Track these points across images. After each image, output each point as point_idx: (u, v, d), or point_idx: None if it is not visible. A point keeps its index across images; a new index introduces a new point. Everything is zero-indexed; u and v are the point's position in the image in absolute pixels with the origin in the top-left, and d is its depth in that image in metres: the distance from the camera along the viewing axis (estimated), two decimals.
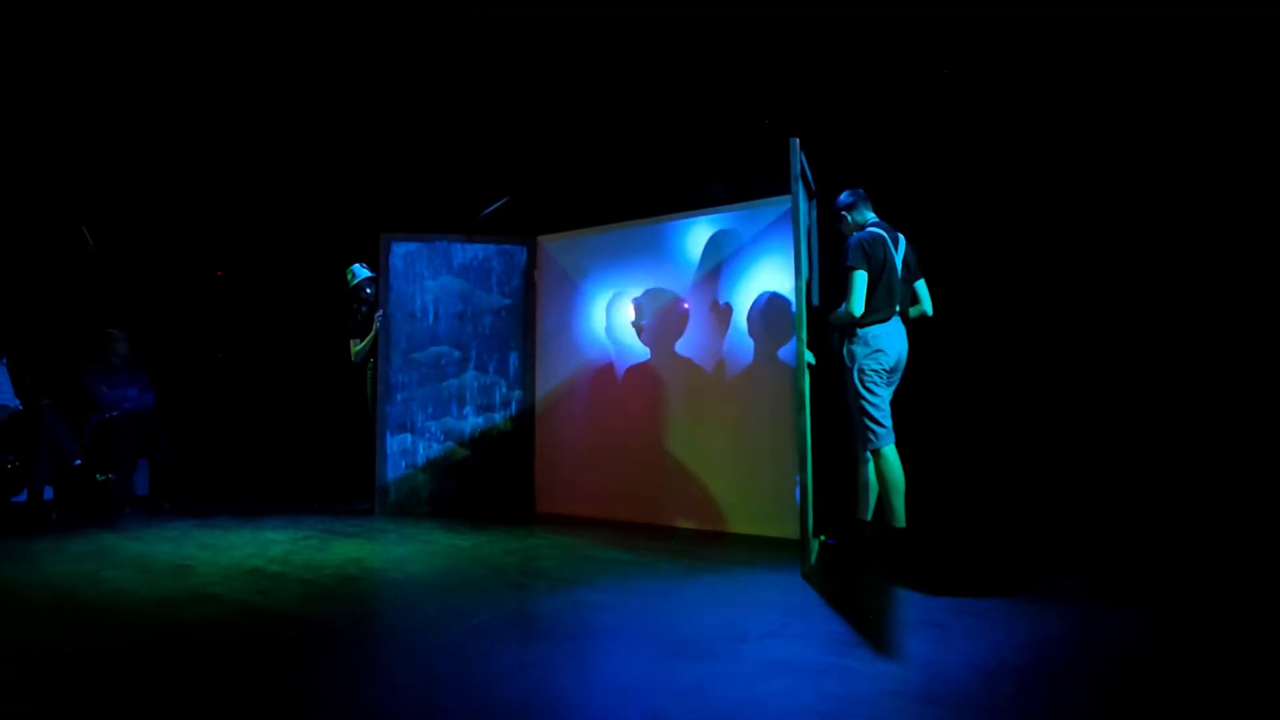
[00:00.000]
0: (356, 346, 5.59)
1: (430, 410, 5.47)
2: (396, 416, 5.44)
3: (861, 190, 3.93)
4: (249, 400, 7.38)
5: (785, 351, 4.52)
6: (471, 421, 5.55)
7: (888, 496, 3.62)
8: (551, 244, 5.63)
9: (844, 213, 3.92)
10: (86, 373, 5.91)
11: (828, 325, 3.93)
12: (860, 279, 3.62)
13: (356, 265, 5.72)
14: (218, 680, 2.35)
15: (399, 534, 4.71)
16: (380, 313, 5.41)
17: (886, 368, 3.69)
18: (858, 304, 3.63)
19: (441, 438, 5.50)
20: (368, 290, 5.63)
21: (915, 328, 3.89)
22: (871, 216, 3.86)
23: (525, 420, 5.63)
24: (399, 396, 5.45)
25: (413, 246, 5.55)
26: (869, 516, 3.85)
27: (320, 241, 6.79)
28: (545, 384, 5.61)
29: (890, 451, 3.61)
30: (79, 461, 5.61)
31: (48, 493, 5.53)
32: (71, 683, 2.34)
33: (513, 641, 2.64)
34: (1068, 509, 4.07)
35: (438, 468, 5.47)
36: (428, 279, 5.55)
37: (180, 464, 6.33)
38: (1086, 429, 4.08)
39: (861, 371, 3.68)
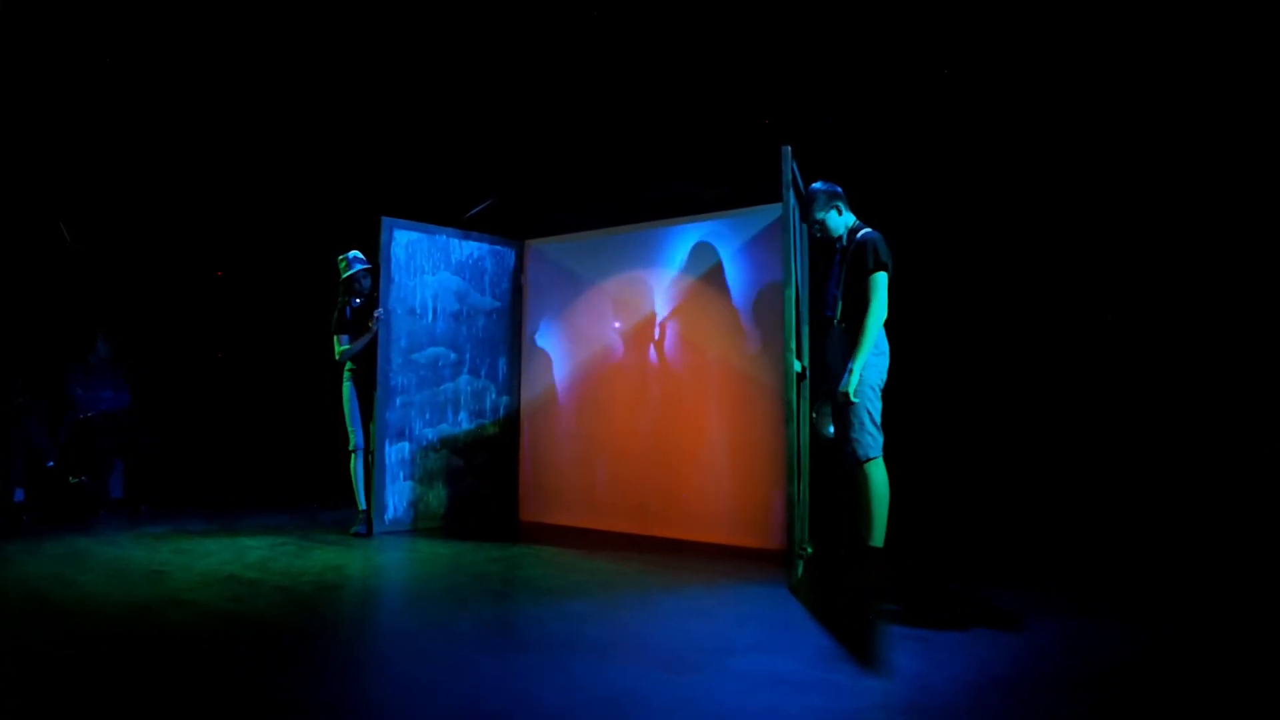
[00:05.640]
0: (342, 345, 4.96)
1: (428, 416, 5.17)
2: (396, 423, 5.00)
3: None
4: (233, 402, 7.29)
5: (775, 359, 4.50)
6: (465, 428, 5.36)
7: (875, 511, 3.44)
8: (539, 247, 5.59)
9: (839, 203, 3.64)
10: (64, 373, 5.82)
11: (842, 340, 3.59)
12: (886, 280, 3.43)
13: (351, 254, 5.08)
14: (190, 688, 2.29)
15: (379, 541, 4.65)
16: (379, 311, 4.91)
17: (885, 374, 3.54)
18: (884, 307, 3.43)
19: (438, 445, 5.22)
20: (364, 282, 5.03)
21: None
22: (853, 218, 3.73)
23: (511, 427, 5.58)
24: (398, 401, 5.02)
25: (414, 236, 5.12)
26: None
27: (311, 237, 6.73)
28: (531, 391, 5.57)
29: (882, 463, 3.49)
30: (52, 463, 5.52)
31: (20, 494, 5.43)
32: (41, 689, 2.27)
33: (495, 652, 2.60)
34: (1055, 519, 4.07)
35: (433, 477, 5.21)
36: (428, 274, 5.18)
37: (158, 466, 6.25)
38: (1072, 436, 4.08)
39: (870, 379, 3.47)
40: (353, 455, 5.00)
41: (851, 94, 4.62)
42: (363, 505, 4.95)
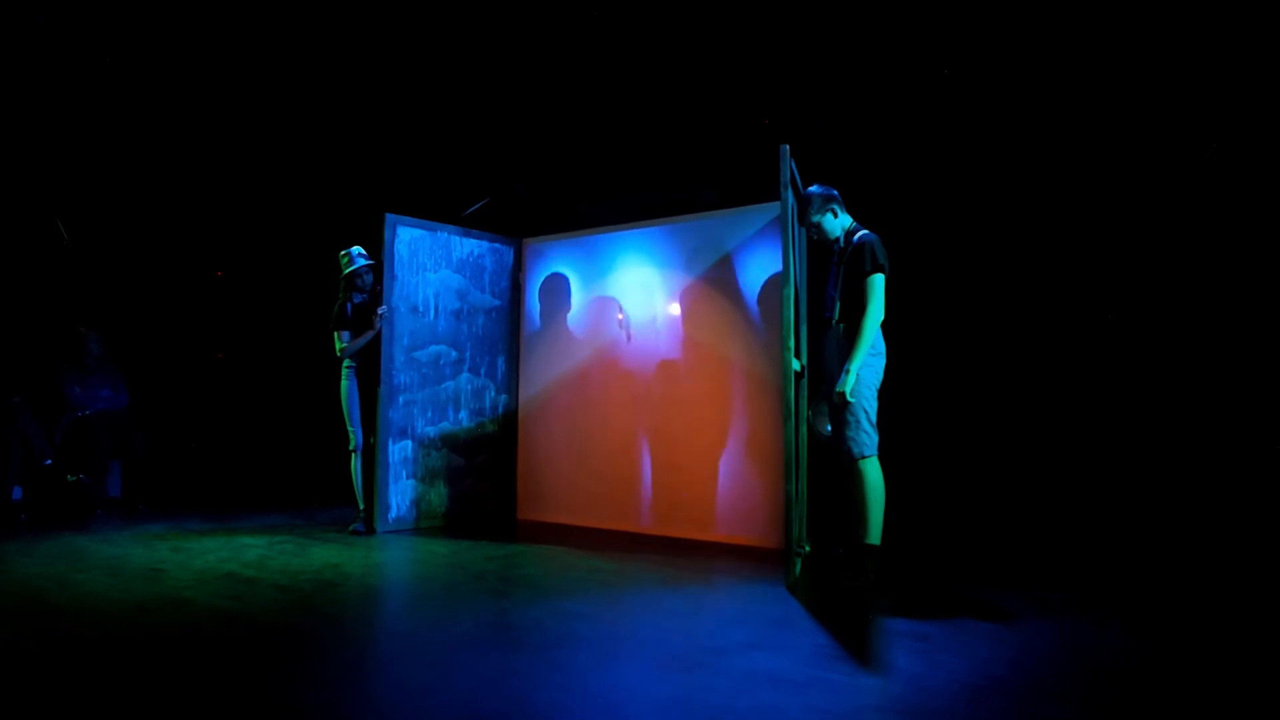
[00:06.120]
0: (342, 342, 4.90)
1: (430, 414, 5.13)
2: (399, 421, 4.96)
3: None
4: (232, 402, 7.28)
5: (774, 358, 4.49)
6: (465, 426, 5.33)
7: (871, 509, 3.44)
8: (537, 246, 5.58)
9: (835, 206, 3.66)
10: (60, 371, 5.81)
11: (841, 340, 3.61)
12: (883, 282, 3.46)
13: (354, 249, 5.01)
14: (188, 687, 2.28)
15: (377, 540, 4.65)
16: (384, 308, 4.88)
17: (882, 374, 3.56)
18: (881, 308, 3.45)
19: (439, 444, 5.18)
20: (366, 278, 4.98)
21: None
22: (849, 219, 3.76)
23: (510, 426, 5.57)
24: (401, 399, 4.97)
25: (417, 233, 5.08)
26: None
27: (308, 234, 6.71)
28: (528, 389, 5.56)
29: (877, 462, 3.51)
30: (50, 461, 5.50)
31: (17, 493, 5.42)
32: (38, 689, 2.27)
33: (493, 650, 2.59)
34: (1055, 519, 4.07)
35: (435, 475, 5.17)
36: (429, 271, 5.14)
37: (155, 466, 6.23)
38: (1072, 436, 4.08)
39: (866, 379, 3.49)
40: (353, 455, 4.96)
41: (850, 94, 4.61)
42: (362, 505, 4.93)
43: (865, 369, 3.47)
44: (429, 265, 5.17)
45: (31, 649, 2.64)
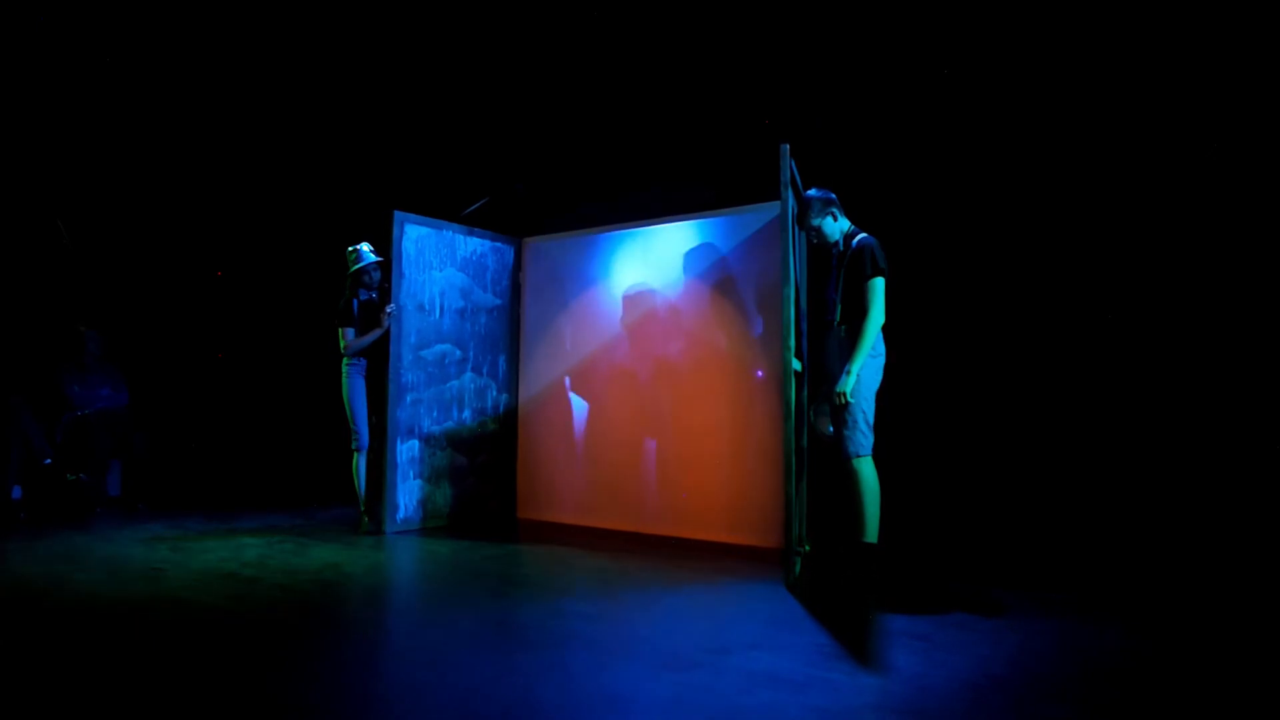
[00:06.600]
0: (347, 339, 4.88)
1: (435, 414, 5.11)
2: (406, 420, 4.94)
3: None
4: (232, 401, 7.27)
5: (774, 359, 4.50)
6: (469, 425, 5.32)
7: (868, 507, 3.47)
8: (537, 245, 5.59)
9: (834, 209, 3.69)
10: (60, 371, 5.81)
11: (842, 342, 3.65)
12: (883, 285, 3.50)
13: (362, 245, 4.99)
14: (188, 687, 2.28)
15: (378, 540, 4.65)
16: (392, 305, 4.86)
17: (881, 375, 3.58)
18: (882, 312, 3.49)
19: (444, 443, 5.16)
20: (374, 275, 4.95)
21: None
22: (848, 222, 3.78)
23: (510, 425, 5.57)
24: (408, 398, 4.95)
25: (424, 231, 5.07)
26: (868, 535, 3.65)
27: (306, 233, 6.71)
28: (528, 389, 5.56)
29: (871, 461, 3.52)
30: (49, 460, 5.50)
31: (16, 492, 5.42)
32: (37, 688, 2.27)
33: (493, 650, 2.59)
34: (1056, 519, 4.07)
35: (440, 475, 5.15)
36: (435, 269, 5.12)
37: (155, 466, 6.23)
38: (1073, 436, 4.08)
39: (865, 380, 3.53)
40: (355, 454, 4.92)
41: (850, 94, 4.61)
42: (364, 504, 4.92)
43: (864, 370, 3.51)
44: (435, 264, 5.15)
45: (31, 648, 2.64)
